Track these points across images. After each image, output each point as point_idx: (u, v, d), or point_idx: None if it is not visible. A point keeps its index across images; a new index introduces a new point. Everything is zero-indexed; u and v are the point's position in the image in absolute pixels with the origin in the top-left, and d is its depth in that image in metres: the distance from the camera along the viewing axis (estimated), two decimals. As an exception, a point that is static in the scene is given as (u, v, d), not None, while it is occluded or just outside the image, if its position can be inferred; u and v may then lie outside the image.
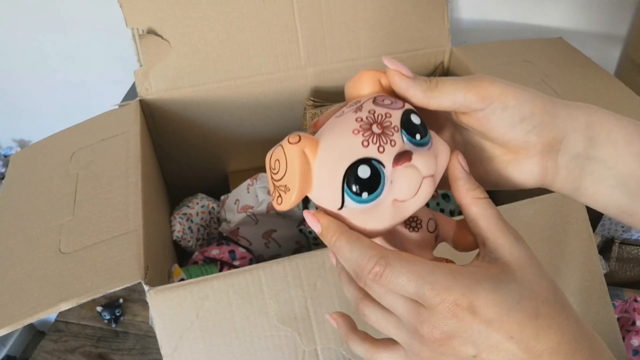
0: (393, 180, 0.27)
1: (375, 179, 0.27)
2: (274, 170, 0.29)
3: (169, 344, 0.47)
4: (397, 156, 0.27)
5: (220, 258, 0.73)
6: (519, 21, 0.94)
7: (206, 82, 0.75)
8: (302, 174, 0.28)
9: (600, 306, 0.53)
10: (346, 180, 0.27)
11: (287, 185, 0.28)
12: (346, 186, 0.27)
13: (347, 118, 0.28)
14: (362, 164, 0.27)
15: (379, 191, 0.27)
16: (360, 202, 0.27)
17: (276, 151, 0.29)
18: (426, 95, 0.29)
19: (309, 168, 0.28)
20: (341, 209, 0.28)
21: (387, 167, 0.27)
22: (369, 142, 0.27)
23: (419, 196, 0.28)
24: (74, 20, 1.00)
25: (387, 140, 0.27)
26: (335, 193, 0.28)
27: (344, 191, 0.27)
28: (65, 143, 0.67)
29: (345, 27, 0.75)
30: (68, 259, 0.50)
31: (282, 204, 0.28)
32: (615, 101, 0.66)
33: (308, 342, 0.48)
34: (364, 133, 0.27)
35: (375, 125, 0.27)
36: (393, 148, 0.27)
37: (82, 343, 0.86)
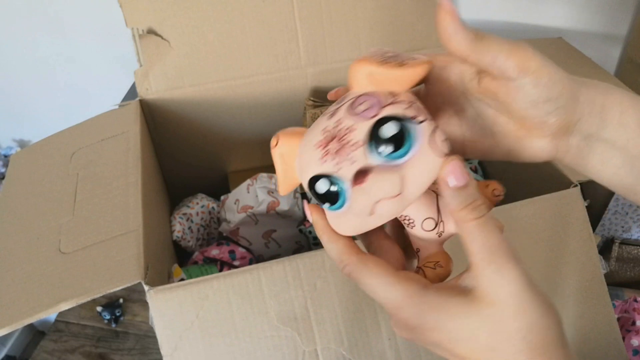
0: (351, 198, 0.27)
1: (333, 195, 0.27)
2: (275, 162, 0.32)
3: (169, 344, 0.47)
4: (355, 175, 0.26)
5: (220, 258, 0.73)
6: (519, 21, 0.94)
7: (206, 82, 0.75)
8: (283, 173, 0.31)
9: (600, 306, 0.53)
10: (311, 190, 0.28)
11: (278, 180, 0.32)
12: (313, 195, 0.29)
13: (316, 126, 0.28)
14: (322, 178, 0.27)
15: (339, 204, 0.27)
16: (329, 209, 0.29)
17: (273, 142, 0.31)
18: (470, 46, 0.28)
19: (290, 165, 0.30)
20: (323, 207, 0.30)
21: (347, 182, 0.27)
22: (326, 158, 0.27)
23: (377, 215, 0.27)
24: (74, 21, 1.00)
25: (345, 159, 0.26)
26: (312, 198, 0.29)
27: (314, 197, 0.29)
28: (65, 143, 0.67)
29: (345, 27, 0.75)
30: (68, 258, 0.50)
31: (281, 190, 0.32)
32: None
33: (308, 342, 0.48)
34: (323, 148, 0.27)
35: (334, 141, 0.27)
36: (352, 165, 0.26)
37: (82, 343, 0.86)
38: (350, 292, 0.49)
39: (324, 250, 0.47)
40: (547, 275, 0.52)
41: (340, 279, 0.48)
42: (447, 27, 0.28)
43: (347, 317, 0.49)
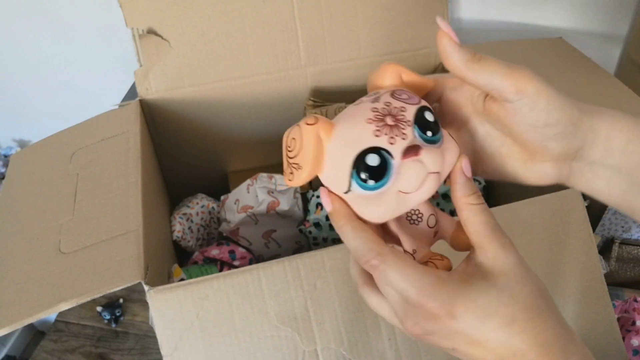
0: (400, 172, 0.28)
1: (383, 169, 0.28)
2: (289, 148, 0.30)
3: (169, 344, 0.47)
4: (407, 149, 0.28)
5: (220, 258, 0.73)
6: (519, 21, 0.94)
7: (206, 82, 0.75)
8: (314, 154, 0.29)
9: (600, 306, 0.53)
10: (355, 166, 0.28)
11: (299, 164, 0.29)
12: (354, 172, 0.28)
13: (363, 107, 0.29)
14: (371, 152, 0.28)
15: (384, 180, 0.28)
16: (365, 189, 0.28)
17: (293, 130, 0.30)
18: (467, 66, 0.29)
19: (322, 150, 0.29)
20: (347, 193, 0.29)
21: (396, 158, 0.28)
22: (380, 132, 0.28)
23: (422, 190, 0.28)
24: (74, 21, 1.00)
25: (399, 133, 0.28)
26: (343, 177, 0.29)
27: (351, 176, 0.28)
28: (65, 143, 0.67)
29: (345, 27, 0.75)
30: (68, 259, 0.50)
31: (293, 180, 0.30)
32: (615, 101, 0.66)
33: (308, 343, 0.48)
34: (377, 123, 0.28)
35: (389, 117, 0.28)
36: (403, 141, 0.28)
37: (82, 343, 0.87)
38: (350, 292, 0.49)
39: (324, 251, 0.48)
40: (547, 275, 0.52)
41: (340, 279, 0.48)
42: (445, 47, 0.30)
43: (347, 317, 0.49)
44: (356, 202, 0.29)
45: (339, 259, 0.48)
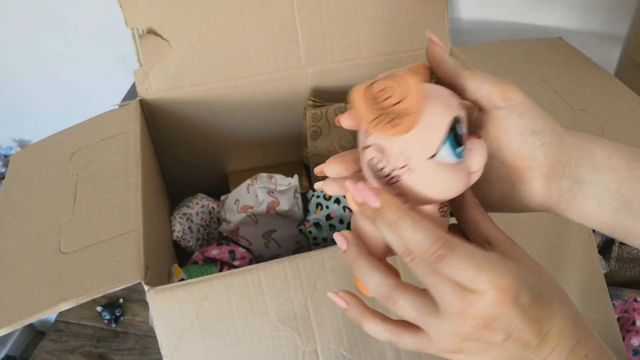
0: (470, 149, 0.28)
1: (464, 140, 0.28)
2: (382, 98, 0.27)
3: (169, 344, 0.47)
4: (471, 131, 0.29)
5: (220, 258, 0.73)
6: (519, 21, 0.94)
7: (206, 82, 0.75)
8: (420, 104, 0.27)
9: (600, 306, 0.53)
10: (452, 130, 0.27)
11: (408, 109, 0.26)
12: (451, 135, 0.27)
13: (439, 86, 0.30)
14: (459, 122, 0.28)
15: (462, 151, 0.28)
16: (454, 155, 0.27)
17: (388, 79, 0.27)
18: (458, 73, 0.31)
19: (422, 106, 0.27)
20: (431, 158, 0.27)
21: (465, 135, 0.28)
22: (461, 106, 0.28)
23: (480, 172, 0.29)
24: (74, 21, 1.00)
25: None
26: (434, 139, 0.27)
27: (445, 139, 0.27)
28: (65, 143, 0.67)
29: (345, 27, 0.75)
30: (68, 259, 0.50)
31: (400, 126, 0.26)
32: (615, 101, 0.66)
33: (308, 342, 0.48)
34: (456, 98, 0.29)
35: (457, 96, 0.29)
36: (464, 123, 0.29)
37: (82, 343, 0.87)
38: (350, 292, 0.49)
39: (324, 251, 0.48)
40: (547, 275, 0.52)
41: (340, 279, 0.48)
42: (436, 56, 0.31)
43: (347, 317, 0.49)
44: (436, 171, 0.28)
45: (339, 259, 0.48)
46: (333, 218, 0.73)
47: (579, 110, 0.64)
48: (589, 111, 0.63)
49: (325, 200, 0.75)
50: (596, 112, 0.63)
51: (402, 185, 0.28)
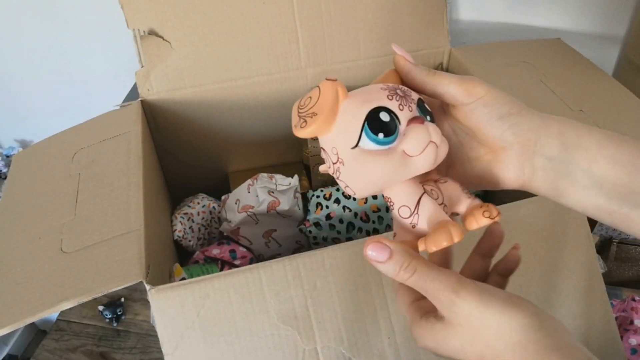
0: (406, 134, 0.30)
1: (392, 127, 0.30)
2: (302, 106, 0.32)
3: (170, 343, 0.47)
4: (412, 119, 0.31)
5: (221, 257, 0.73)
6: (517, 22, 0.94)
7: (207, 83, 0.75)
8: (331, 105, 0.31)
9: (599, 305, 0.53)
10: (367, 120, 0.30)
11: (315, 112, 0.31)
12: (366, 124, 0.30)
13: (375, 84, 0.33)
14: (384, 110, 0.30)
15: (392, 138, 0.30)
16: (375, 142, 0.30)
17: (311, 91, 0.33)
18: (424, 80, 0.34)
19: (337, 105, 0.31)
20: (354, 148, 0.31)
21: (402, 123, 0.31)
22: (393, 97, 0.31)
23: (424, 156, 0.30)
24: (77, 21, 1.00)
25: (407, 104, 0.31)
26: (353, 130, 0.30)
27: (362, 129, 0.30)
28: (67, 143, 0.67)
29: (345, 27, 0.76)
30: (70, 258, 0.50)
31: (305, 127, 0.31)
32: (613, 102, 0.67)
33: (308, 341, 0.48)
34: (389, 91, 0.31)
35: (399, 90, 0.32)
36: (410, 112, 0.31)
37: (83, 342, 0.87)
38: (350, 292, 0.49)
39: (324, 250, 0.48)
40: (545, 275, 0.52)
41: (340, 278, 0.49)
42: (403, 67, 0.35)
43: (347, 316, 0.49)
44: (361, 160, 0.31)
45: (339, 259, 0.49)
46: (333, 218, 0.73)
47: (577, 110, 0.64)
48: (587, 112, 0.63)
49: (325, 200, 0.75)
50: (594, 112, 0.63)
51: (344, 178, 0.32)
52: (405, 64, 0.35)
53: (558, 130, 0.33)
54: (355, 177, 0.31)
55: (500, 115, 0.34)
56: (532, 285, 0.52)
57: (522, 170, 0.34)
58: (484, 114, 0.34)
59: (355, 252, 0.49)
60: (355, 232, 0.73)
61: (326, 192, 0.76)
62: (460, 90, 0.34)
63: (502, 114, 0.34)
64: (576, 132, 0.33)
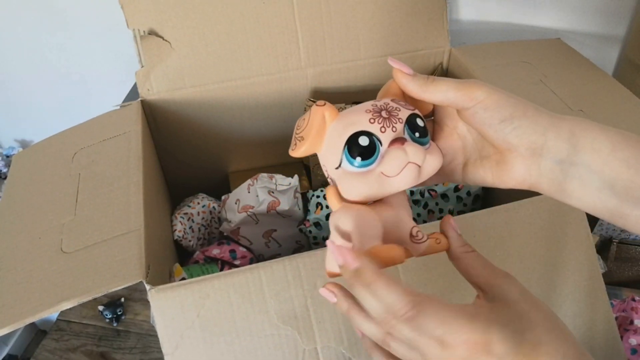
0: (384, 157, 0.32)
1: (371, 150, 0.32)
2: (298, 128, 0.35)
3: (170, 343, 0.47)
4: (394, 140, 0.32)
5: (221, 257, 0.73)
6: (517, 22, 0.94)
7: (207, 83, 0.75)
8: (317, 130, 0.34)
9: (599, 305, 0.53)
10: (347, 144, 0.33)
11: (303, 137, 0.34)
12: (346, 148, 0.33)
13: (366, 103, 0.35)
14: (363, 135, 0.32)
15: (370, 161, 0.32)
16: (353, 165, 0.33)
17: (306, 113, 0.35)
18: (422, 89, 0.35)
19: (324, 128, 0.34)
20: (337, 169, 0.34)
21: (384, 145, 0.32)
22: (374, 121, 0.33)
23: (401, 176, 0.32)
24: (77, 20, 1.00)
25: (390, 125, 0.33)
26: (336, 153, 0.33)
27: (343, 152, 0.33)
28: (67, 143, 0.67)
29: (345, 28, 0.76)
30: (70, 258, 0.50)
31: (295, 150, 0.35)
32: (613, 102, 0.67)
33: (308, 341, 0.48)
34: (373, 114, 0.33)
35: (384, 111, 0.33)
36: (393, 133, 0.33)
37: (83, 342, 0.87)
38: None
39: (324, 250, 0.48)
40: (545, 275, 0.52)
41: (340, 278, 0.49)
42: (401, 79, 0.35)
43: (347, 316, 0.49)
44: (343, 179, 0.33)
45: (339, 259, 0.49)
46: (333, 218, 0.73)
47: (577, 110, 0.64)
48: (587, 112, 0.63)
49: (325, 200, 0.75)
50: (594, 112, 0.63)
51: None
52: (402, 77, 0.35)
53: (569, 131, 0.33)
54: (342, 191, 0.34)
55: (502, 119, 0.33)
56: (532, 285, 0.52)
57: (529, 172, 0.34)
58: (485, 118, 0.34)
59: (355, 252, 0.49)
60: (355, 232, 0.73)
61: (326, 192, 0.76)
62: (458, 95, 0.34)
63: (503, 117, 0.33)
64: (589, 133, 0.32)
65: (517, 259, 0.52)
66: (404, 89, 0.36)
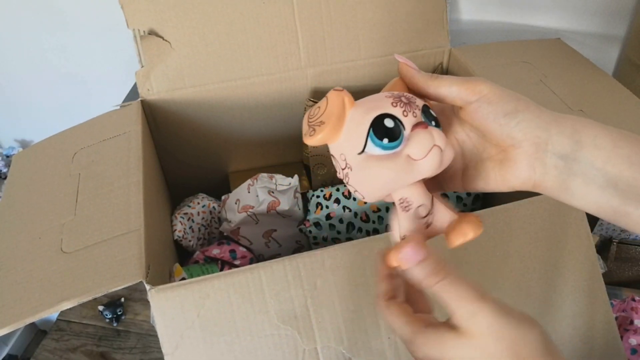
0: (410, 139, 0.31)
1: (397, 133, 0.31)
2: (312, 116, 0.34)
3: (170, 343, 0.47)
4: (416, 124, 0.32)
5: (221, 257, 0.73)
6: (517, 22, 0.94)
7: (207, 83, 0.75)
8: (338, 113, 0.32)
9: (599, 305, 0.53)
10: (372, 126, 0.31)
11: (323, 121, 0.33)
12: (372, 131, 0.31)
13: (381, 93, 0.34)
14: (388, 117, 0.32)
15: (397, 143, 0.31)
16: (380, 147, 0.31)
17: (320, 101, 0.34)
18: (427, 84, 0.35)
19: (344, 114, 0.33)
20: (361, 153, 0.32)
21: (407, 129, 0.32)
22: (397, 105, 0.32)
23: (428, 159, 0.31)
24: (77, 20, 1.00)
25: (411, 110, 0.32)
26: (360, 137, 0.32)
27: (368, 135, 0.31)
28: (67, 143, 0.67)
29: (345, 28, 0.76)
30: (70, 258, 0.50)
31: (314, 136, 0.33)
32: (613, 102, 0.67)
33: (308, 341, 0.48)
34: (394, 99, 0.32)
35: (404, 97, 0.33)
36: (414, 118, 0.32)
37: (83, 342, 0.87)
38: (350, 292, 0.49)
39: (324, 250, 0.48)
40: (545, 275, 0.52)
41: (340, 278, 0.49)
42: (406, 73, 0.36)
43: (347, 316, 0.49)
44: (367, 165, 0.32)
45: (339, 258, 0.49)
46: (333, 218, 0.73)
47: (577, 110, 0.64)
48: (587, 111, 0.63)
49: (325, 200, 0.75)
50: (594, 112, 0.63)
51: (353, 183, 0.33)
52: (408, 70, 0.35)
53: (571, 128, 0.33)
54: (363, 181, 0.33)
55: (506, 112, 0.33)
56: (532, 285, 0.52)
57: (534, 169, 0.34)
58: (489, 112, 0.34)
59: (355, 252, 0.49)
60: (355, 232, 0.73)
61: (326, 192, 0.76)
62: (462, 89, 0.34)
63: (507, 110, 0.33)
64: (591, 130, 0.33)
65: (517, 259, 0.52)
66: (409, 82, 0.36)
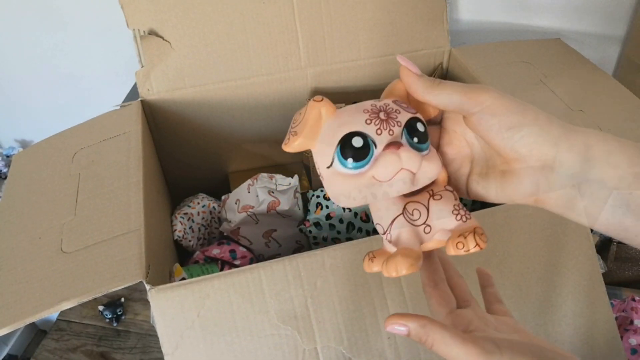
0: (377, 160, 0.31)
1: (364, 152, 0.31)
2: (294, 121, 0.34)
3: (170, 343, 0.47)
4: (389, 143, 0.31)
5: (221, 257, 0.73)
6: (517, 22, 0.94)
7: (207, 83, 0.75)
8: (311, 125, 0.32)
9: (599, 305, 0.53)
10: (340, 144, 0.31)
11: (297, 131, 0.33)
12: (339, 148, 0.31)
13: (366, 102, 0.33)
14: (358, 135, 0.31)
15: (362, 163, 0.31)
16: (344, 166, 0.31)
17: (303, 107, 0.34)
18: (426, 92, 0.33)
19: (319, 124, 0.33)
20: (328, 168, 0.32)
21: (378, 148, 0.31)
22: (371, 122, 0.31)
23: (393, 182, 0.31)
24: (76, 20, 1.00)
25: (387, 128, 0.31)
26: (329, 152, 0.32)
27: (335, 152, 0.31)
28: (67, 143, 0.67)
29: (345, 28, 0.76)
30: (70, 258, 0.50)
31: (287, 144, 0.33)
32: (613, 102, 0.67)
33: (308, 341, 0.48)
34: (370, 114, 0.31)
35: (382, 112, 0.32)
36: (389, 136, 0.31)
37: (83, 342, 0.87)
38: (350, 292, 0.49)
39: (324, 250, 0.48)
40: (545, 275, 0.52)
41: (340, 278, 0.49)
42: (407, 79, 0.34)
43: (347, 316, 0.49)
44: (333, 179, 0.32)
45: (339, 258, 0.49)
46: (333, 218, 0.73)
47: (577, 110, 0.64)
48: (587, 112, 0.63)
49: (325, 200, 0.75)
50: (594, 112, 0.63)
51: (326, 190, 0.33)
52: (408, 75, 0.34)
53: (583, 143, 0.30)
54: (332, 192, 0.33)
55: (509, 126, 0.31)
56: (532, 285, 0.52)
57: (537, 186, 0.32)
58: (492, 124, 0.32)
59: (355, 252, 0.49)
60: (355, 232, 0.73)
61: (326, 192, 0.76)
62: (464, 99, 0.32)
63: (512, 124, 0.31)
64: (605, 146, 0.30)
65: (517, 259, 0.52)
66: (407, 88, 0.34)
